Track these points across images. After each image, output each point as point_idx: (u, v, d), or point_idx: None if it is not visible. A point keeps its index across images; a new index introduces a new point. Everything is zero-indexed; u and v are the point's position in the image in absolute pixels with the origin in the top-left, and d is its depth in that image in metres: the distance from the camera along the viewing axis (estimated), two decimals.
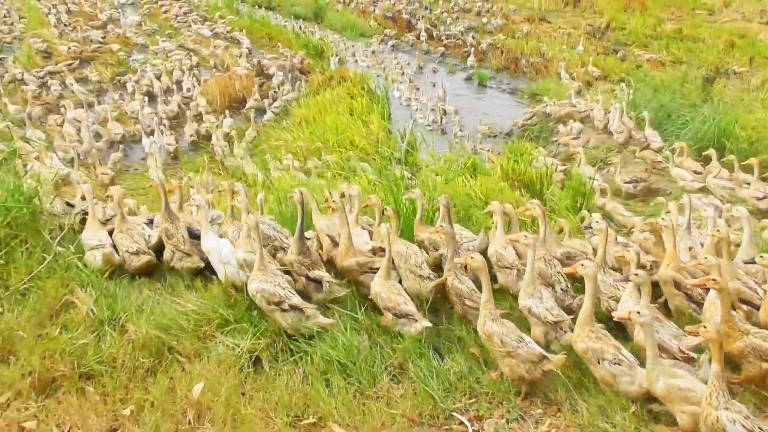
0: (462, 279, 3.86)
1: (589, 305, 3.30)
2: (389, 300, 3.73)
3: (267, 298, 3.59)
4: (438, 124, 12.97)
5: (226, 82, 13.13)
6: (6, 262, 4.00)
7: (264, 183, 8.46)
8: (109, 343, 3.48)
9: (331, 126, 10.87)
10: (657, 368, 2.99)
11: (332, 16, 22.35)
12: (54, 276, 3.94)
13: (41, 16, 19.94)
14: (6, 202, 4.13)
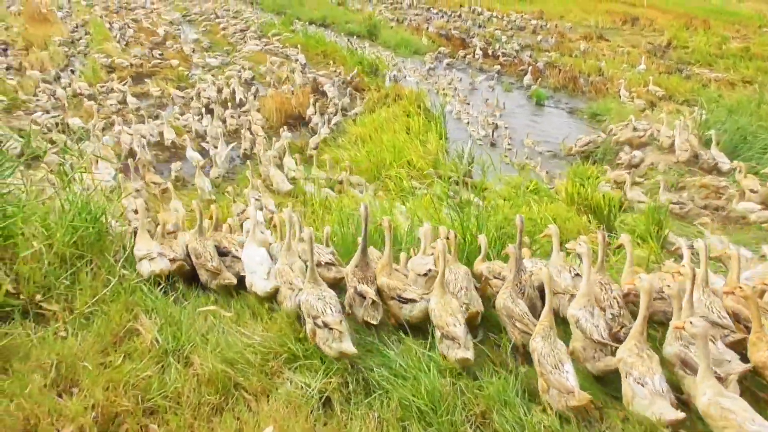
0: (516, 302, 3.71)
1: (641, 320, 3.22)
2: (440, 318, 3.54)
3: (307, 310, 3.51)
4: (489, 138, 12.90)
5: (282, 99, 13.13)
6: (71, 282, 3.88)
7: (322, 203, 8.29)
8: (173, 377, 3.28)
9: (388, 145, 10.65)
10: (706, 382, 2.89)
11: (386, 33, 22.32)
12: (118, 300, 3.80)
13: (106, 31, 20.60)
14: (73, 220, 4.03)
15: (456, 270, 4.00)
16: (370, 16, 24.11)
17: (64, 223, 4.01)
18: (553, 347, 3.23)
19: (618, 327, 3.74)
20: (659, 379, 3.05)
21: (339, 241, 5.75)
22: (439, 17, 28.35)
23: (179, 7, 27.60)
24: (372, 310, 3.82)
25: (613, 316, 3.81)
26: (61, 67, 16.06)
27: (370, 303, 3.80)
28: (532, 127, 13.82)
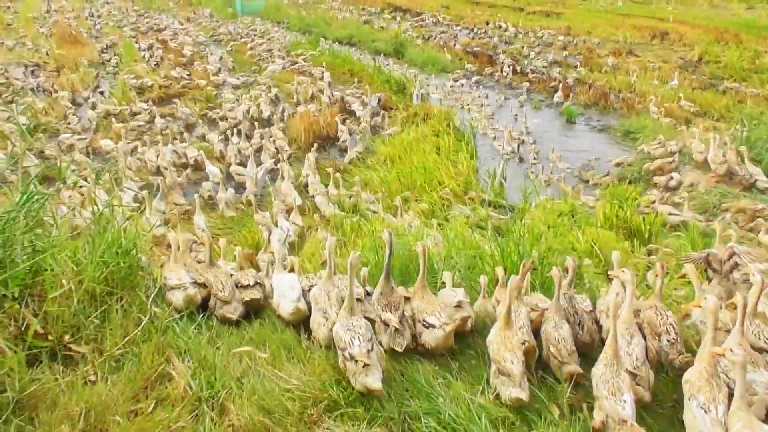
0: (559, 326, 3.67)
1: (710, 341, 3.13)
2: (497, 352, 3.40)
3: (337, 342, 3.41)
4: (515, 153, 12.75)
5: (310, 119, 13.03)
6: (101, 321, 3.72)
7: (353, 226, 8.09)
8: (208, 427, 3.08)
9: (418, 166, 10.44)
10: (739, 413, 2.81)
11: (413, 51, 22.22)
12: (150, 340, 3.62)
13: (135, 52, 20.87)
14: (104, 255, 3.88)
15: (518, 307, 3.82)
16: (396, 35, 24.05)
17: (95, 258, 3.86)
18: (615, 375, 3.16)
19: (676, 354, 3.69)
20: (723, 411, 2.93)
21: (372, 269, 5.55)
22: (465, 34, 28.24)
23: (206, 28, 27.92)
24: (397, 337, 3.73)
25: (669, 342, 3.76)
26: (91, 88, 16.23)
27: (394, 330, 3.72)
28: (564, 146, 13.50)
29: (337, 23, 28.37)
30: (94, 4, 34.93)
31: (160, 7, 35.11)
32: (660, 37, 26.20)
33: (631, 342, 3.48)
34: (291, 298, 4.05)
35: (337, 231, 8.50)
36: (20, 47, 21.43)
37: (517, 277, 3.71)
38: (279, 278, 4.28)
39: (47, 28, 25.25)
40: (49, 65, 18.75)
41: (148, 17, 30.67)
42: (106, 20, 29.10)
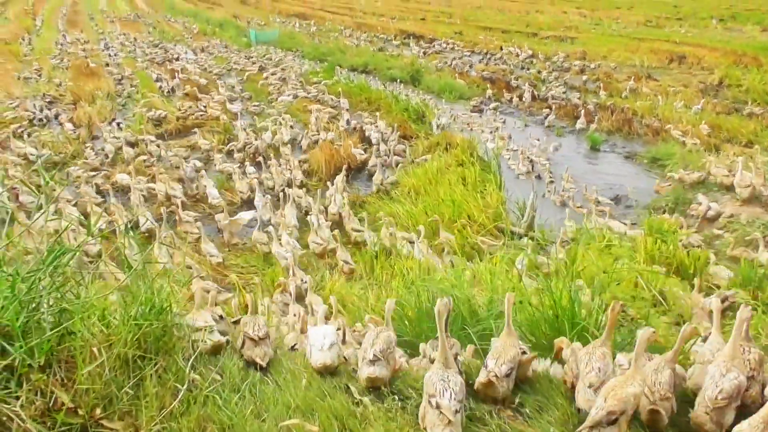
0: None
1: None
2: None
3: (426, 388, 3.20)
4: (531, 173, 12.80)
5: (331, 150, 12.78)
6: (135, 391, 3.37)
7: (384, 265, 7.75)
8: None
9: (445, 198, 10.11)
10: None
11: (429, 78, 22.09)
12: (190, 414, 3.26)
13: (151, 83, 20.86)
14: (136, 318, 3.54)
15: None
16: (412, 62, 23.98)
17: (127, 320, 3.53)
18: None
19: (758, 386, 3.38)
20: None
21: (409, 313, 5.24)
22: (479, 60, 28.17)
23: (220, 58, 28.00)
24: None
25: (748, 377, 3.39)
26: (108, 120, 16.12)
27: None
28: (589, 173, 13.16)
29: (352, 51, 28.39)
30: (109, 36, 35.30)
31: (174, 37, 35.41)
32: (677, 61, 25.98)
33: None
34: (323, 348, 3.94)
35: (366, 268, 8.17)
36: (36, 80, 21.53)
37: (649, 330, 3.30)
38: (315, 329, 4.12)
39: (63, 60, 25.42)
40: (66, 98, 18.74)
41: (162, 47, 30.86)
42: (120, 51, 29.28)
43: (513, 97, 19.74)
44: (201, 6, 56.86)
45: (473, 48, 31.17)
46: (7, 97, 18.45)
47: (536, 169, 13.01)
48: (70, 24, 40.92)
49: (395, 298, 6.67)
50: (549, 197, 11.44)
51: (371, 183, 12.48)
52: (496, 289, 6.27)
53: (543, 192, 11.61)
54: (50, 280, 3.55)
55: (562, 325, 4.89)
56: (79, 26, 39.84)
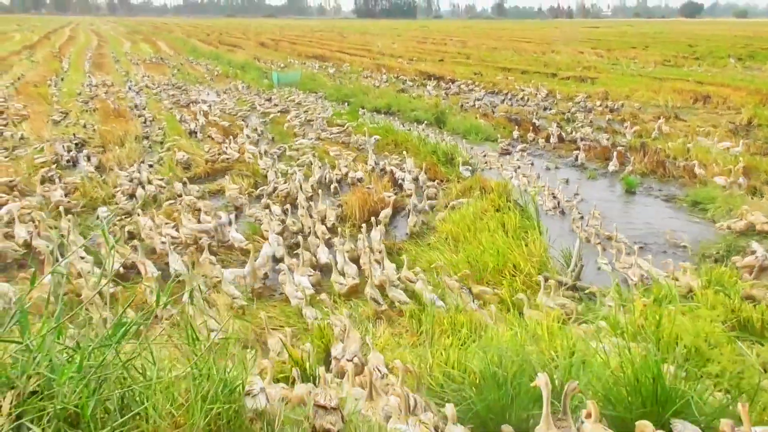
0: None
1: None
2: None
3: None
4: (557, 208, 12.88)
5: (363, 195, 12.58)
6: None
7: (436, 319, 7.39)
8: None
9: (487, 246, 9.79)
10: None
11: (454, 120, 22.04)
12: None
13: (178, 125, 20.99)
14: (207, 399, 3.24)
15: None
16: (436, 104, 23.99)
17: (197, 401, 3.23)
18: None
19: None
20: None
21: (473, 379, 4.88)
22: (500, 100, 28.22)
23: (243, 100, 28.24)
24: None
25: None
26: (137, 163, 16.11)
27: None
28: (627, 218, 12.80)
29: (374, 93, 28.56)
30: (134, 78, 35.94)
31: (197, 79, 35.97)
32: (702, 101, 25.79)
33: None
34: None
35: (413, 322, 7.82)
36: (65, 122, 21.77)
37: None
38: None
39: (90, 102, 25.77)
40: (95, 140, 18.85)
41: (185, 89, 31.28)
42: (145, 93, 29.71)
43: (539, 138, 19.58)
44: (222, 48, 58.12)
45: (493, 89, 31.28)
46: (38, 140, 18.62)
47: (561, 205, 13.01)
48: (96, 66, 41.81)
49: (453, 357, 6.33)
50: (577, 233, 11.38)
51: (402, 227, 12.25)
52: (565, 350, 5.92)
53: (570, 227, 11.79)
54: (116, 355, 3.28)
55: (646, 400, 4.52)
56: (105, 69, 40.68)
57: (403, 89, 30.99)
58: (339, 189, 14.22)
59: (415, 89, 31.36)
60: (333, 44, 66.16)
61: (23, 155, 16.66)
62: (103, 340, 3.31)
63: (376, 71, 39.00)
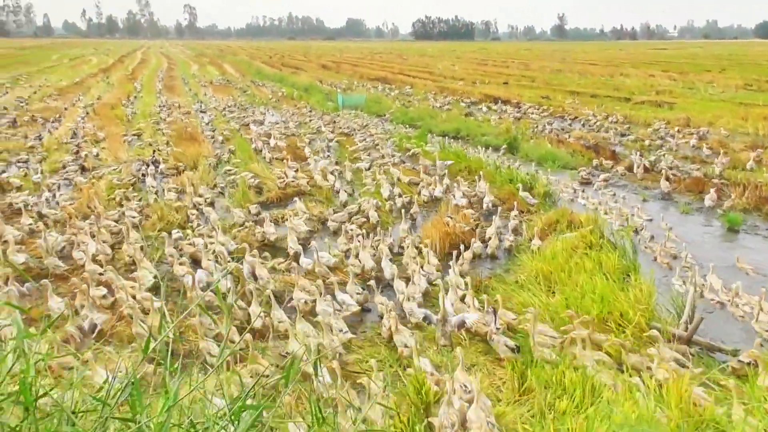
0: None
1: None
2: None
3: None
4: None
5: (445, 227, 11.98)
6: None
7: (547, 378, 6.66)
8: None
9: (587, 290, 8.98)
10: None
11: (527, 146, 21.24)
12: None
13: (249, 148, 21.03)
14: None
15: None
16: (507, 129, 23.27)
17: None
18: None
19: None
20: None
21: None
22: (569, 124, 27.22)
23: (308, 123, 28.22)
24: None
25: None
26: (210, 186, 16.10)
27: None
28: (731, 260, 11.63)
29: (441, 116, 28.06)
30: (203, 100, 36.76)
31: (263, 101, 36.46)
32: None
33: None
34: None
35: (515, 379, 7.10)
36: (140, 144, 22.22)
37: None
38: None
39: (163, 124, 26.31)
40: (168, 162, 19.05)
41: (252, 111, 31.62)
42: (214, 115, 30.22)
43: (619, 167, 18.53)
44: (285, 71, 59.22)
45: (562, 113, 30.25)
46: (115, 161, 18.97)
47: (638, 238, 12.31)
48: (167, 88, 43.14)
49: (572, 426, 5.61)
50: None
51: (484, 261, 11.59)
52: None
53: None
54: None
55: None
56: (175, 91, 41.91)
57: (469, 113, 30.38)
58: (416, 217, 13.74)
59: (480, 113, 30.70)
60: (394, 66, 66.40)
61: (102, 175, 16.94)
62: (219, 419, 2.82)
63: (440, 94, 38.59)
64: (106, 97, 36.57)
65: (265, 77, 54.30)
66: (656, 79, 45.82)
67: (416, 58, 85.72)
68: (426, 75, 53.69)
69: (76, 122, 26.28)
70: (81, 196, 14.75)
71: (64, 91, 39.60)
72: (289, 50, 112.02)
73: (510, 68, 62.75)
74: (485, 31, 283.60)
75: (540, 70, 57.29)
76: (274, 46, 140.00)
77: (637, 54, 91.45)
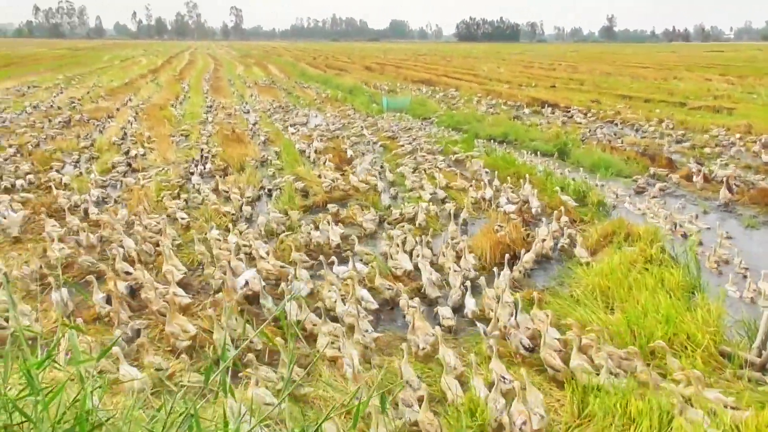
0: None
1: None
2: None
3: None
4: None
5: (495, 237, 11.59)
6: None
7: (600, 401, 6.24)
8: None
9: (650, 308, 8.47)
10: None
11: (578, 153, 20.56)
12: None
13: (294, 151, 21.01)
14: None
15: None
16: (557, 134, 22.64)
17: None
18: None
19: None
20: None
21: None
22: (619, 129, 26.33)
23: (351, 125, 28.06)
24: None
25: None
26: (257, 188, 16.10)
27: None
28: None
29: (488, 120, 27.55)
30: (249, 101, 37.16)
31: (308, 103, 36.58)
32: None
33: None
34: None
35: (574, 404, 6.69)
36: (188, 145, 22.50)
37: None
38: None
39: (210, 125, 26.58)
40: (215, 163, 19.17)
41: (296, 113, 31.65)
42: (259, 116, 30.43)
43: (674, 176, 17.72)
44: (329, 72, 59.46)
45: (613, 118, 29.28)
46: (163, 162, 19.22)
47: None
48: (213, 89, 43.80)
49: None
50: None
51: (539, 274, 11.16)
52: None
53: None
54: None
55: None
56: (221, 91, 42.51)
57: (516, 116, 29.75)
58: (465, 221, 13.45)
59: (528, 117, 30.02)
60: (438, 68, 65.91)
61: (152, 176, 17.16)
62: None
63: (485, 96, 37.98)
64: (155, 97, 37.34)
65: (309, 78, 54.61)
66: (713, 83, 44.06)
67: (460, 59, 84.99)
68: (471, 77, 53.06)
69: (126, 123, 26.84)
70: (131, 197, 14.94)
71: (115, 92, 40.64)
72: (333, 51, 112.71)
73: (557, 71, 61.48)
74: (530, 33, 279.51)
75: (589, 73, 55.91)
76: (319, 47, 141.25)
77: (691, 56, 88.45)
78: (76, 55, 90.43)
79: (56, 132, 24.69)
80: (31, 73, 56.08)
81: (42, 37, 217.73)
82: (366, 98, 37.74)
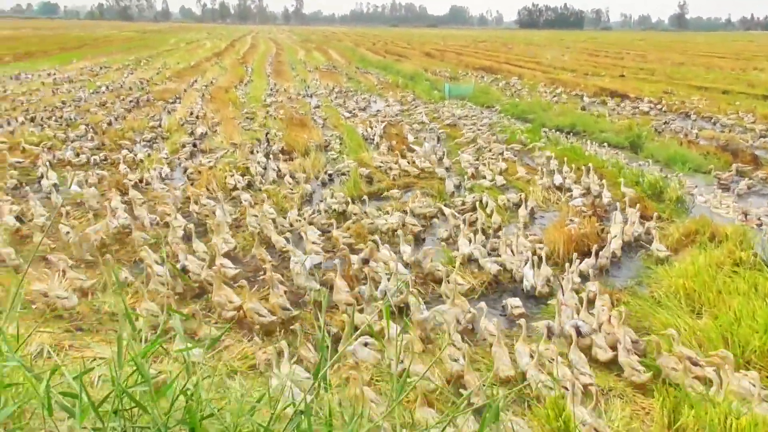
0: None
1: None
2: None
3: None
4: None
5: (568, 232, 11.13)
6: None
7: None
8: None
9: (743, 315, 7.91)
10: None
11: (652, 146, 19.61)
12: None
13: (358, 136, 20.90)
14: None
15: None
16: (630, 126, 21.66)
17: None
18: None
19: None
20: None
21: None
22: (695, 122, 24.99)
23: (411, 111, 27.73)
24: None
25: None
26: (323, 173, 16.09)
27: None
28: None
29: (555, 110, 26.69)
30: (311, 85, 37.32)
31: (368, 88, 36.42)
32: None
33: None
34: None
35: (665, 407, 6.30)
36: (250, 127, 22.75)
37: None
38: None
39: (273, 109, 26.77)
40: (279, 147, 19.26)
41: (357, 98, 31.51)
42: (321, 101, 30.49)
43: (761, 173, 16.65)
44: (389, 58, 59.10)
45: (687, 110, 27.81)
46: (229, 144, 19.47)
47: None
48: (275, 73, 44.23)
49: None
50: None
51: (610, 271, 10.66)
52: None
53: None
54: None
55: None
56: (283, 75, 42.89)
57: (583, 106, 28.70)
58: (534, 212, 13.06)
59: (595, 107, 28.91)
60: (499, 55, 64.53)
61: (218, 158, 17.42)
62: None
63: (550, 85, 36.85)
64: (220, 80, 38.00)
65: (369, 64, 54.44)
66: None
67: (522, 47, 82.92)
68: (533, 65, 51.67)
69: (192, 104, 27.40)
70: (199, 178, 15.18)
71: (182, 74, 41.63)
72: (393, 37, 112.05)
73: (625, 60, 59.11)
74: (595, 20, 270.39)
75: (659, 62, 53.50)
76: (378, 33, 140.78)
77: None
78: (144, 38, 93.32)
79: (126, 112, 25.44)
80: (102, 54, 58.20)
81: (112, 19, 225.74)
82: (427, 85, 37.28)
